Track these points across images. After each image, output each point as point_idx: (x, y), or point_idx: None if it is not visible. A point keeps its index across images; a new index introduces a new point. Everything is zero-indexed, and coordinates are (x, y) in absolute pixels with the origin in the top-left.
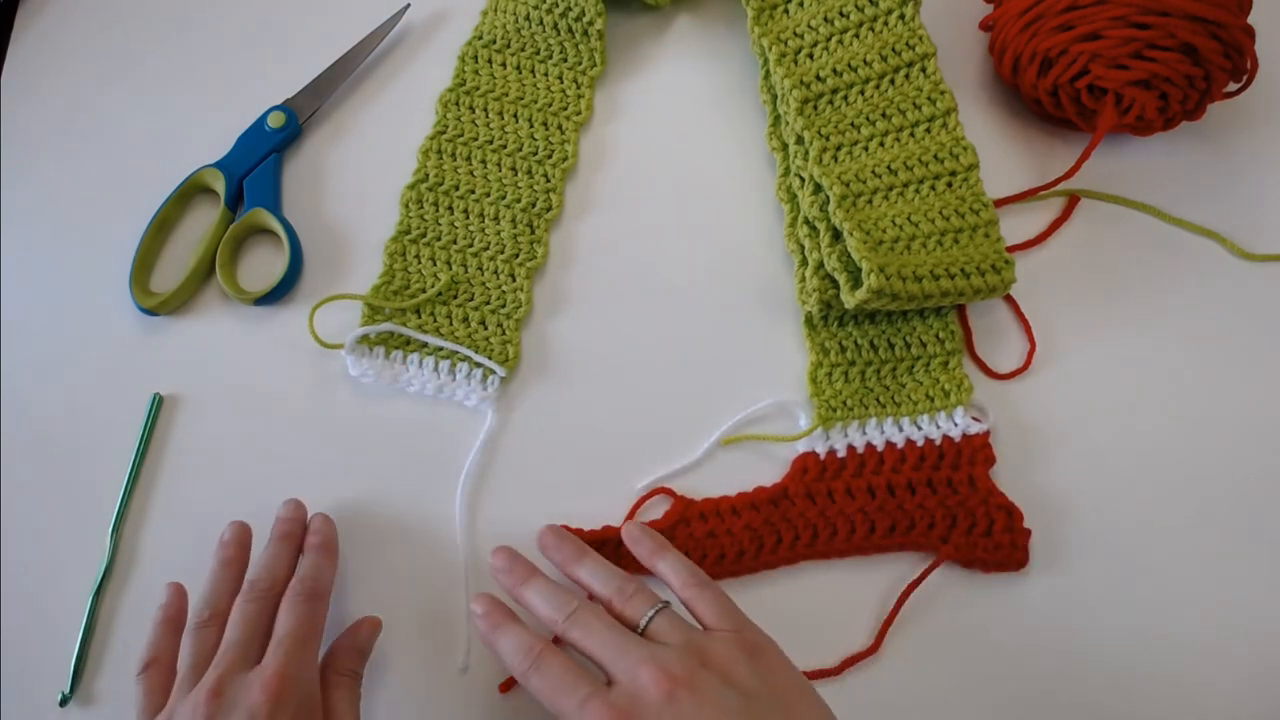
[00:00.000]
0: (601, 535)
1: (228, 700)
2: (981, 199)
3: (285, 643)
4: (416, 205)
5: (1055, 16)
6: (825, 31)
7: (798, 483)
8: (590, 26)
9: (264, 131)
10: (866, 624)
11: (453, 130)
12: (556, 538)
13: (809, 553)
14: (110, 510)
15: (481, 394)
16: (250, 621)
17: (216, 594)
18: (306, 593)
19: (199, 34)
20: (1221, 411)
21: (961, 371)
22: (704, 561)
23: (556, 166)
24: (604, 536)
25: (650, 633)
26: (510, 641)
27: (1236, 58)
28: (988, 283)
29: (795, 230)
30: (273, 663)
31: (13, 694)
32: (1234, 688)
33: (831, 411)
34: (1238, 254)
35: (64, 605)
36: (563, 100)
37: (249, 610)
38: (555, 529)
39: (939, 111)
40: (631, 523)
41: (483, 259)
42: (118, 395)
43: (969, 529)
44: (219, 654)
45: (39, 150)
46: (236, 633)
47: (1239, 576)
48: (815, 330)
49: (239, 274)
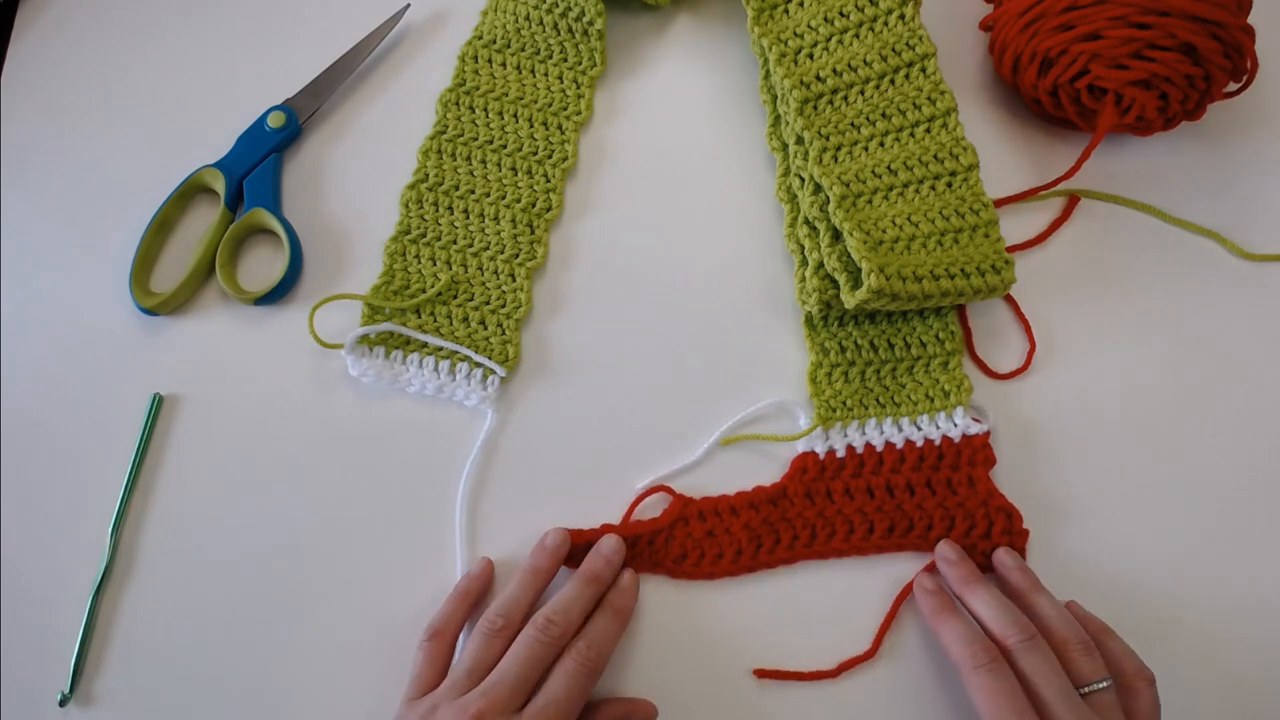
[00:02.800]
0: (601, 534)
1: None
2: (981, 199)
3: (550, 710)
4: (416, 205)
5: (1055, 16)
6: (825, 31)
7: (797, 482)
8: (590, 26)
9: (264, 131)
10: (865, 624)
11: (453, 130)
12: (956, 554)
13: (808, 553)
14: (110, 510)
15: (481, 394)
16: (532, 662)
17: (516, 603)
18: (589, 666)
19: (199, 34)
20: (1221, 411)
21: (961, 372)
22: (703, 561)
23: (557, 166)
24: (603, 535)
25: (1093, 701)
26: (960, 631)
27: (1236, 58)
28: (988, 283)
29: (795, 230)
30: None
31: (13, 694)
32: (1235, 686)
33: (831, 411)
34: (1237, 254)
35: (64, 605)
36: (563, 100)
37: (536, 651)
38: (954, 546)
39: (939, 111)
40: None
41: (483, 259)
42: (118, 395)
43: (968, 530)
44: (491, 681)
45: (39, 150)
46: (516, 668)
47: (1240, 576)
48: (815, 330)
49: (239, 274)
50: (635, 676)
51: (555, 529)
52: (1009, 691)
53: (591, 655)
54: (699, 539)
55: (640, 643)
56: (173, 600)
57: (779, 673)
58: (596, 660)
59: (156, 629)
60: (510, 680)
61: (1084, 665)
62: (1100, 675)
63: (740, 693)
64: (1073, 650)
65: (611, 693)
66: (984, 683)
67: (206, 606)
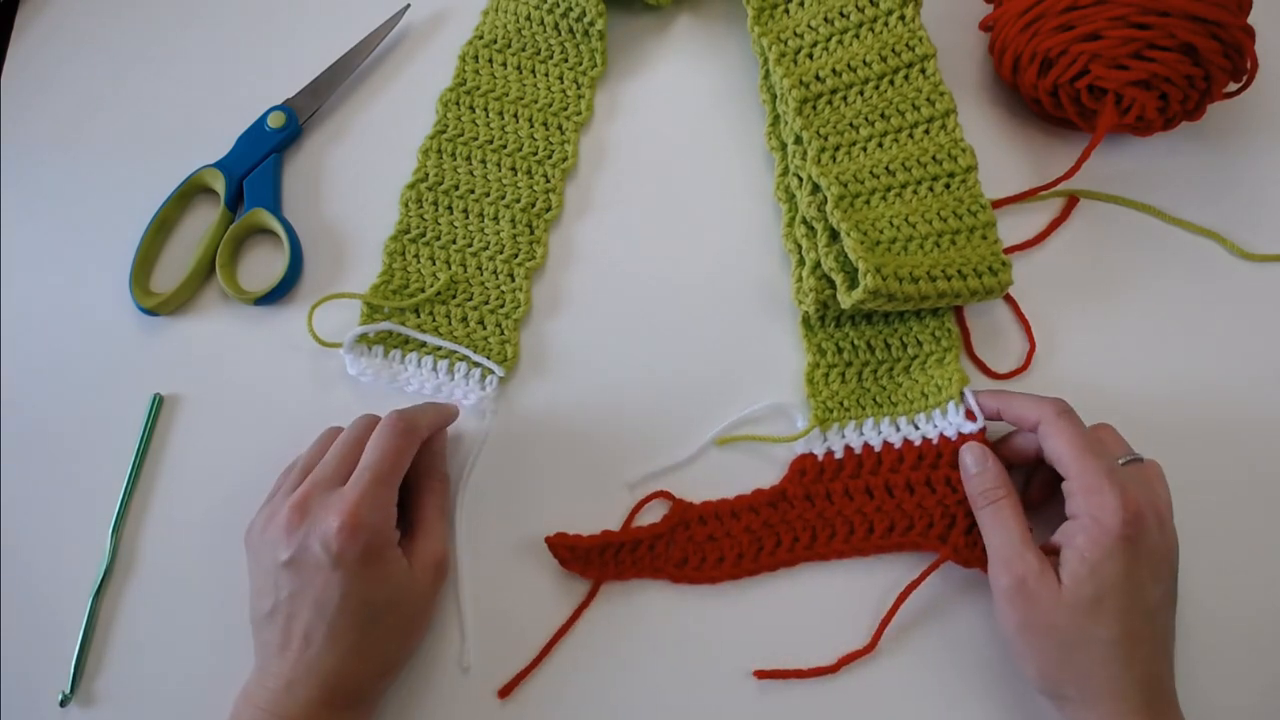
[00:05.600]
0: (602, 540)
1: (310, 518)
2: (979, 201)
3: (366, 475)
4: (416, 205)
5: (1055, 16)
6: (825, 32)
7: (796, 485)
8: (591, 27)
9: (264, 131)
10: (867, 625)
11: (453, 130)
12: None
13: (808, 554)
14: (110, 510)
15: (480, 394)
16: (349, 444)
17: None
18: (399, 428)
19: (199, 34)
20: (1221, 411)
21: (956, 367)
22: (704, 565)
23: (556, 167)
24: (604, 541)
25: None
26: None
27: (1236, 58)
28: (984, 284)
29: (793, 230)
30: (351, 495)
31: (13, 694)
32: (1238, 685)
33: (828, 412)
34: (1237, 254)
35: (64, 605)
36: (563, 100)
37: (351, 435)
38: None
39: (938, 113)
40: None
41: (482, 259)
42: (118, 395)
43: (968, 528)
44: (314, 474)
45: (39, 150)
46: (336, 450)
47: (1240, 576)
48: (812, 331)
49: (239, 274)
50: (637, 681)
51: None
52: (1085, 434)
53: (405, 419)
54: (700, 543)
55: (642, 648)
56: (173, 600)
57: (779, 672)
58: (408, 423)
59: (156, 629)
60: (331, 462)
61: (1117, 447)
62: (1132, 453)
63: (743, 696)
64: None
65: (612, 699)
66: (1064, 426)
67: (206, 606)
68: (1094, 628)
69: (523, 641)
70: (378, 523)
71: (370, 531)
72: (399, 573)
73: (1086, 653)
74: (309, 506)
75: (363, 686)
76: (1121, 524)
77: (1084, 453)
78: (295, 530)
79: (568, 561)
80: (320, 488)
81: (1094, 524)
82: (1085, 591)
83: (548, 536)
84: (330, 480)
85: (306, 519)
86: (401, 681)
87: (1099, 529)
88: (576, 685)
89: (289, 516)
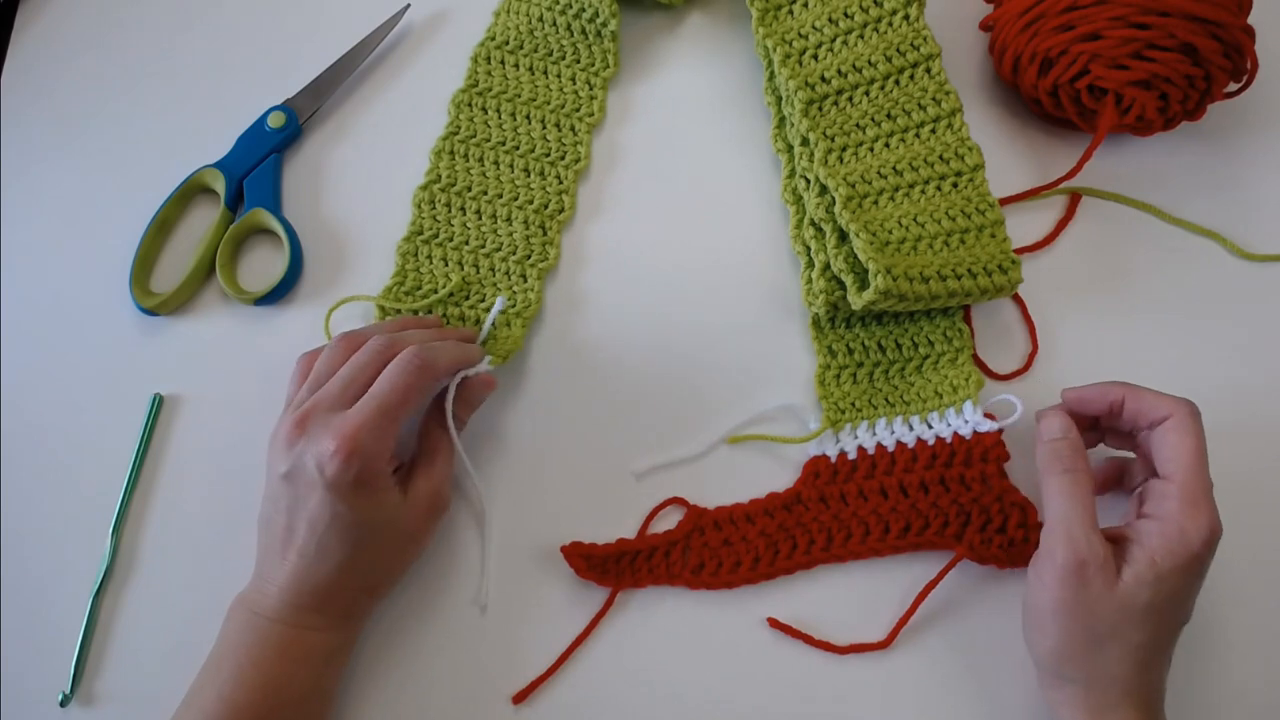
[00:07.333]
0: (617, 549)
1: (307, 435)
2: (987, 199)
3: (371, 404)
4: (429, 206)
5: (1055, 16)
6: (830, 33)
7: (810, 487)
8: (604, 28)
9: (264, 131)
10: (886, 625)
11: (465, 131)
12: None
13: (824, 556)
14: (110, 510)
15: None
16: (360, 366)
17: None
18: (415, 364)
19: (199, 34)
20: (1221, 411)
21: (971, 367)
22: (720, 570)
23: (569, 168)
24: (620, 549)
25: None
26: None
27: (1236, 58)
28: (994, 283)
29: (801, 232)
30: (353, 421)
31: (13, 694)
32: (1240, 684)
33: (840, 413)
34: (1237, 254)
35: (64, 605)
36: (575, 102)
37: (364, 359)
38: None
39: (944, 112)
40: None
41: (495, 260)
42: (118, 395)
43: (983, 525)
44: (320, 392)
45: (39, 150)
46: (346, 371)
47: (1240, 575)
48: (822, 332)
49: (239, 274)
50: (654, 688)
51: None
52: (1205, 445)
53: (423, 355)
54: (715, 548)
55: (658, 655)
56: (173, 600)
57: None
58: (427, 359)
59: (156, 629)
60: (339, 382)
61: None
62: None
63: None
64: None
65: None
66: (1196, 429)
67: (207, 606)
68: (1132, 630)
69: (538, 648)
70: (373, 452)
71: (365, 458)
72: (390, 503)
73: (1115, 649)
74: (308, 424)
75: (351, 600)
76: (1202, 544)
77: (1202, 463)
78: (293, 445)
79: (583, 570)
80: (322, 407)
81: (1179, 534)
82: (1143, 595)
83: (563, 546)
84: (334, 401)
85: (304, 436)
86: (418, 688)
87: (1181, 541)
88: (592, 692)
89: (289, 431)
